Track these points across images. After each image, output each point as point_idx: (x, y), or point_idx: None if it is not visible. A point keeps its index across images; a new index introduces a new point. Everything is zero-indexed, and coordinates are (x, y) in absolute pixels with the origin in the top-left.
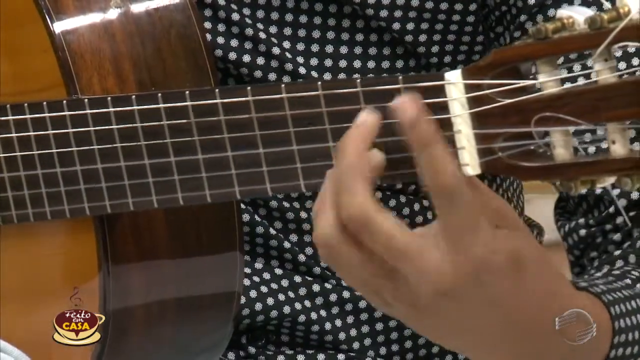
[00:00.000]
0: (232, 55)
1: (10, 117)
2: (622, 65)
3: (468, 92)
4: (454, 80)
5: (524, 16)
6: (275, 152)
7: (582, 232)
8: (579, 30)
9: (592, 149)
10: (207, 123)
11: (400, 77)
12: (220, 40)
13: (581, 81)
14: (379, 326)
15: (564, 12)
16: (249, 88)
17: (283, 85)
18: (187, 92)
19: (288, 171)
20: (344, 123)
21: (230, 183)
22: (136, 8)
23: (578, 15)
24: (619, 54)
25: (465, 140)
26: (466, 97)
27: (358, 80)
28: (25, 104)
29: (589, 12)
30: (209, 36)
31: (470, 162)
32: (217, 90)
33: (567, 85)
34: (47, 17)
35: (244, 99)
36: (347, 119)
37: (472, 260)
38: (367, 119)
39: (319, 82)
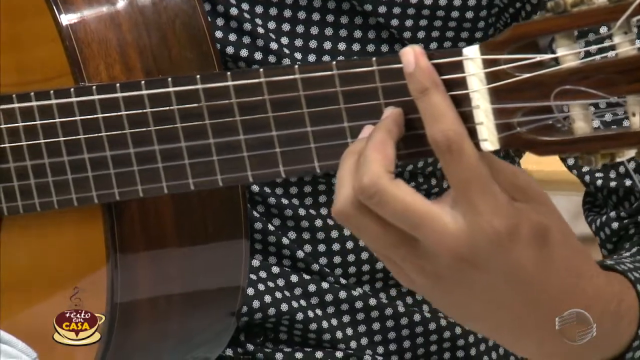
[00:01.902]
0: (230, 50)
1: (16, 106)
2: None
3: (486, 67)
4: (472, 56)
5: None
6: (288, 134)
7: (614, 225)
8: (598, 4)
9: (606, 118)
10: (218, 106)
11: None
12: (219, 34)
13: (601, 54)
14: (376, 326)
15: None
16: (261, 70)
17: (296, 66)
18: (198, 75)
19: (302, 152)
20: (359, 102)
21: (243, 166)
22: None
23: None
24: None
25: (484, 116)
26: (484, 72)
27: (373, 59)
28: (32, 93)
29: None
30: None
31: (489, 137)
32: (228, 73)
33: (586, 58)
34: (54, 7)
35: (256, 80)
36: (362, 99)
37: (489, 224)
38: (393, 110)
39: (334, 62)
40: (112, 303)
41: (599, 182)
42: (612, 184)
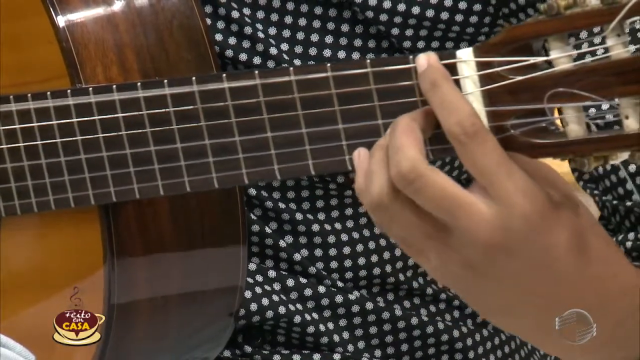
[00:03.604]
0: (229, 53)
1: (13, 107)
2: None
3: (480, 69)
4: (466, 58)
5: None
6: (284, 136)
7: (629, 244)
8: (591, 6)
9: (599, 123)
10: (214, 108)
11: (411, 57)
12: (218, 37)
13: (594, 57)
14: (373, 330)
15: None
16: (256, 72)
17: (291, 69)
18: (194, 77)
19: (297, 154)
20: (353, 104)
21: (238, 168)
22: None
23: None
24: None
25: None
26: (478, 74)
27: (368, 61)
28: (29, 94)
29: None
30: None
31: None
32: (224, 74)
33: (579, 61)
34: (51, 8)
35: (251, 82)
36: (356, 101)
37: (521, 207)
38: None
39: (328, 64)
40: (109, 304)
41: (613, 203)
42: (628, 203)
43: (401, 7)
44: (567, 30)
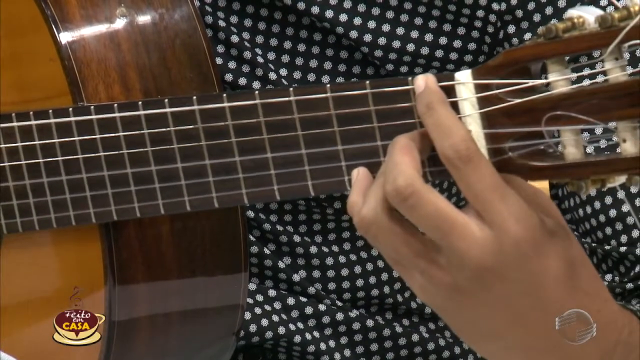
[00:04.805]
0: (229, 77)
1: (15, 125)
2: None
3: (478, 92)
4: (464, 80)
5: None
6: (284, 156)
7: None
8: (590, 29)
9: (591, 149)
10: (214, 128)
11: (410, 78)
12: (218, 60)
13: (592, 80)
14: (374, 347)
15: (574, 11)
16: (257, 92)
17: (291, 89)
18: (195, 97)
19: (296, 174)
20: (353, 125)
21: (238, 187)
22: (142, 17)
23: (588, 15)
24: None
25: (476, 140)
26: (476, 97)
27: (367, 82)
28: (31, 112)
29: (599, 11)
30: None
31: None
32: (224, 94)
33: (577, 84)
34: (53, 26)
35: (251, 102)
36: (355, 122)
37: (515, 232)
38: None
39: (328, 85)
40: (110, 321)
41: (592, 245)
42: (607, 247)
43: (396, 44)
44: (565, 53)
